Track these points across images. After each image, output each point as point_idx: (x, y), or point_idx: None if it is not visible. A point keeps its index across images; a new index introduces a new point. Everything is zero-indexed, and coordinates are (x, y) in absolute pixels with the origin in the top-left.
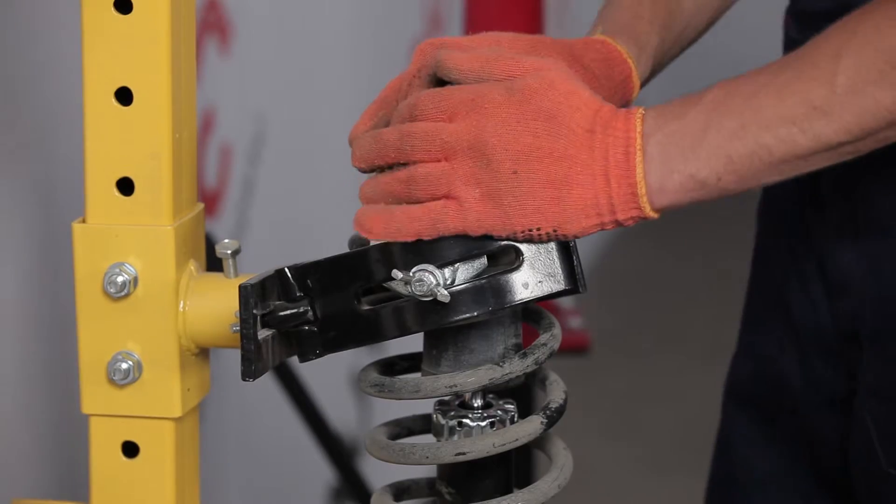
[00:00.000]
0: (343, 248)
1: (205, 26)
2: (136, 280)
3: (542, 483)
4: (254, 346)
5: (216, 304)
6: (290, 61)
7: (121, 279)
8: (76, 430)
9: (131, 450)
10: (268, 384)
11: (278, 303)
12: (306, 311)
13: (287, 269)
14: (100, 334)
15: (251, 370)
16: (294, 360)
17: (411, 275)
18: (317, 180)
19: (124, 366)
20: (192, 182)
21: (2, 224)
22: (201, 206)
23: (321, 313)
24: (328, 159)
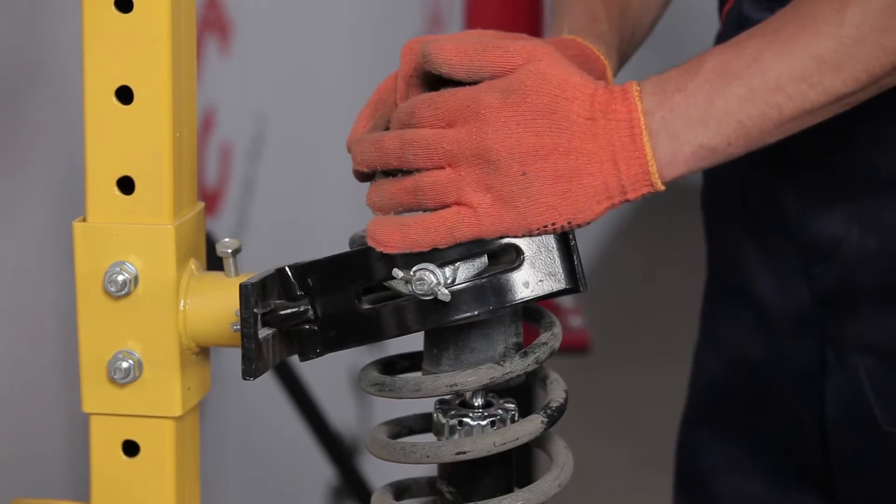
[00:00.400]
0: (343, 246)
1: (205, 25)
2: (136, 279)
3: (543, 482)
4: (254, 345)
5: (217, 303)
6: (290, 60)
7: (121, 278)
8: (76, 428)
9: (132, 449)
10: (268, 383)
11: (279, 302)
12: (307, 310)
13: (287, 268)
14: (100, 333)
15: (251, 369)
16: (294, 359)
17: (412, 274)
18: (317, 179)
19: (125, 365)
20: (193, 181)
21: (2, 223)
22: (202, 205)
23: (322, 312)
24: (328, 158)
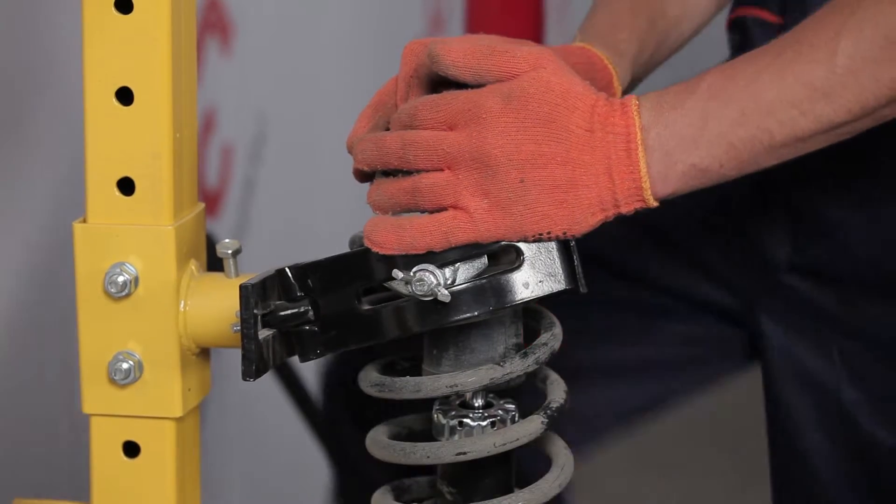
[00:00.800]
0: (344, 247)
1: (206, 26)
2: (136, 280)
3: (543, 483)
4: (254, 346)
5: (217, 303)
6: (291, 61)
7: (121, 279)
8: (77, 429)
9: (132, 450)
10: (269, 384)
11: (279, 302)
12: (307, 311)
13: (288, 269)
14: (100, 334)
15: (252, 370)
16: (295, 360)
17: (412, 274)
18: (318, 180)
19: (125, 366)
20: (193, 182)
21: (3, 223)
22: (202, 205)
23: (322, 313)
24: (329, 159)
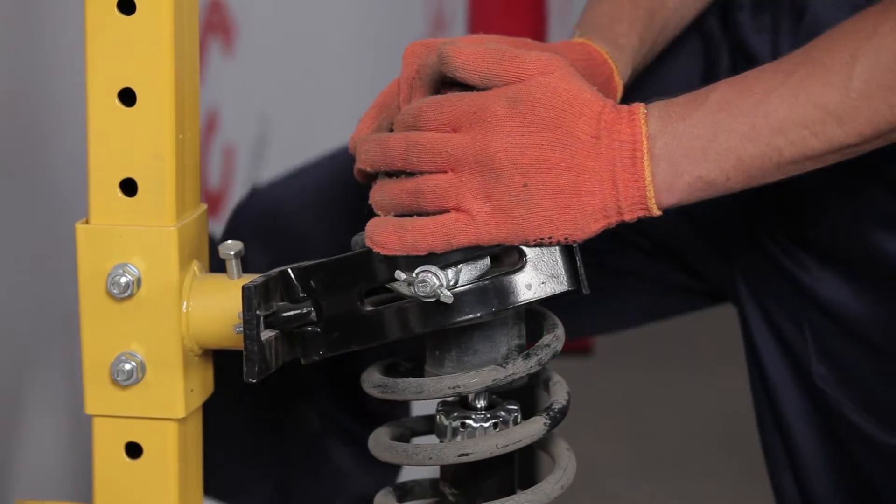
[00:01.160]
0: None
1: (208, 27)
2: (139, 281)
3: (546, 484)
4: (257, 347)
5: (219, 305)
6: (294, 62)
7: (124, 280)
8: (79, 430)
9: (134, 450)
10: None
11: (281, 304)
12: (309, 312)
13: (290, 270)
14: (103, 335)
15: (254, 371)
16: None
17: (414, 276)
18: None
19: (127, 367)
20: (196, 183)
21: (5, 224)
22: (204, 206)
23: (324, 314)
24: None
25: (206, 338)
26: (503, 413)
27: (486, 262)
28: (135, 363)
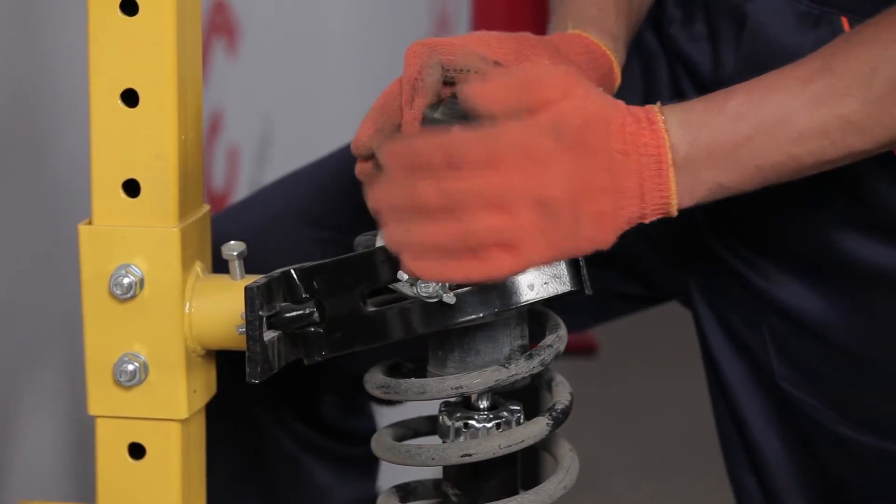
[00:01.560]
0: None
1: (212, 28)
2: (142, 282)
3: (548, 484)
4: (260, 348)
5: (222, 305)
6: (298, 63)
7: (127, 281)
8: (82, 431)
9: (138, 451)
10: None
11: (284, 304)
12: (312, 313)
13: (293, 271)
14: (106, 336)
15: (257, 372)
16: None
17: None
18: None
19: (130, 367)
20: (199, 183)
21: (8, 225)
22: (207, 207)
23: (327, 315)
24: None
25: (209, 338)
26: (506, 413)
27: None
28: (138, 364)
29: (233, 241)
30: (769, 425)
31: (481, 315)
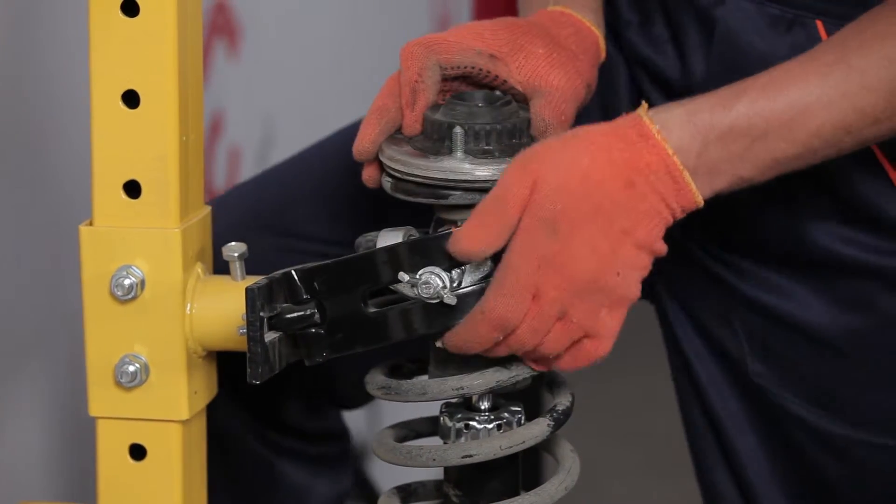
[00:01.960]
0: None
1: (213, 29)
2: (143, 283)
3: (549, 485)
4: (261, 349)
5: (223, 306)
6: (299, 64)
7: (128, 282)
8: (84, 432)
9: (139, 452)
10: None
11: (285, 305)
12: (313, 314)
13: (294, 272)
14: (107, 337)
15: (258, 373)
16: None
17: (418, 277)
18: None
19: (131, 368)
20: (199, 184)
21: (10, 226)
22: (208, 208)
23: (328, 316)
24: None
25: (210, 339)
26: (507, 414)
27: (489, 263)
28: (139, 365)
29: (233, 243)
30: (744, 422)
31: None
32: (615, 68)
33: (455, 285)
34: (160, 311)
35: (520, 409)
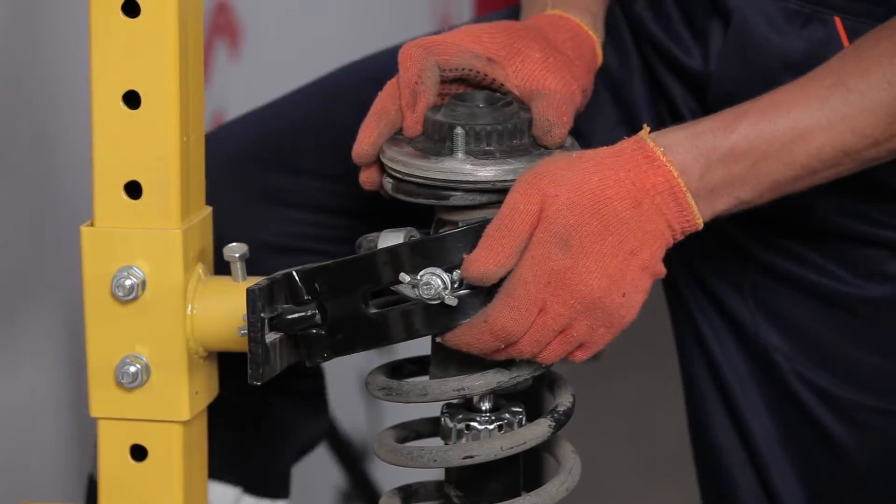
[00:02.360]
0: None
1: (214, 29)
2: (144, 283)
3: (550, 486)
4: (261, 350)
5: (224, 307)
6: (299, 64)
7: (129, 282)
8: (85, 433)
9: (139, 453)
10: None
11: (286, 306)
12: (314, 315)
13: (295, 273)
14: (108, 338)
15: (259, 373)
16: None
17: (419, 278)
18: None
19: (132, 369)
20: (200, 185)
21: (10, 226)
22: (209, 209)
23: (329, 316)
24: None
25: (211, 340)
26: (508, 415)
27: None
28: (140, 365)
29: (234, 243)
30: (750, 381)
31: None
32: (629, 57)
33: (456, 286)
34: (161, 312)
35: (521, 409)
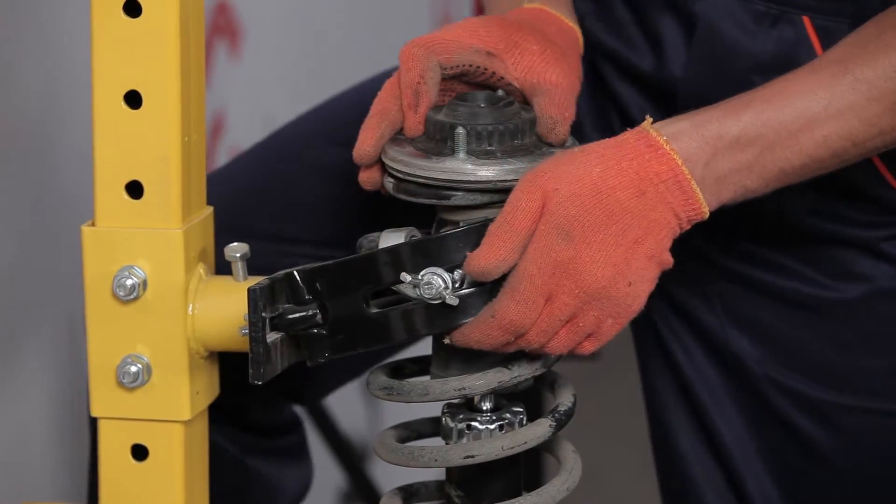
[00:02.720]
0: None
1: (215, 29)
2: (145, 283)
3: (551, 486)
4: (263, 350)
5: (225, 307)
6: (300, 64)
7: (130, 282)
8: (83, 432)
9: (140, 453)
10: None
11: (287, 306)
12: (315, 314)
13: (296, 272)
14: (109, 337)
15: (260, 373)
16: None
17: (420, 278)
18: None
19: (133, 369)
20: (202, 185)
21: (12, 226)
22: (210, 209)
23: (330, 316)
24: None
25: (212, 340)
26: (509, 415)
27: None
28: (141, 365)
29: (235, 243)
30: (724, 395)
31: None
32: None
33: (457, 286)
34: (162, 312)
35: (522, 409)
